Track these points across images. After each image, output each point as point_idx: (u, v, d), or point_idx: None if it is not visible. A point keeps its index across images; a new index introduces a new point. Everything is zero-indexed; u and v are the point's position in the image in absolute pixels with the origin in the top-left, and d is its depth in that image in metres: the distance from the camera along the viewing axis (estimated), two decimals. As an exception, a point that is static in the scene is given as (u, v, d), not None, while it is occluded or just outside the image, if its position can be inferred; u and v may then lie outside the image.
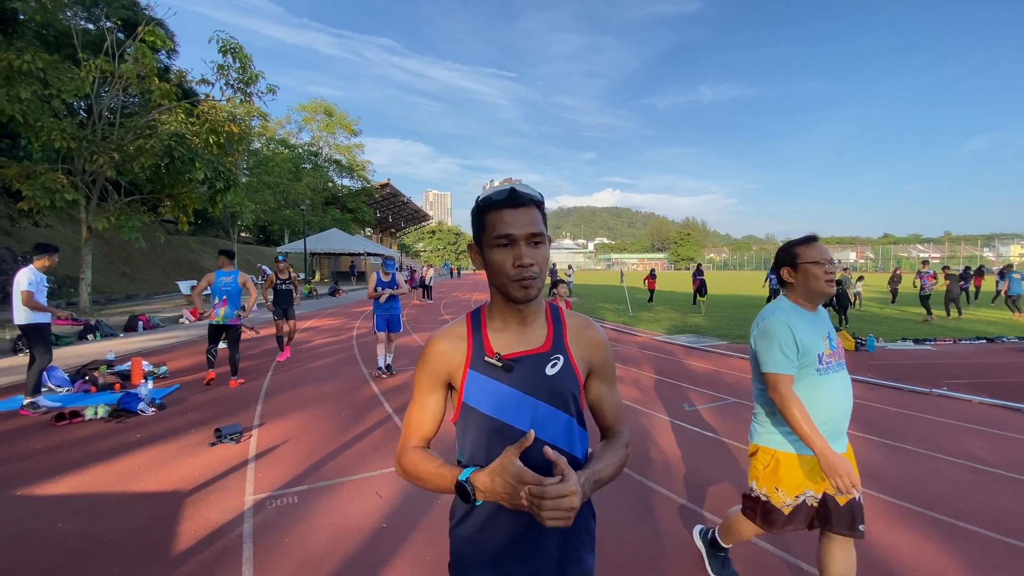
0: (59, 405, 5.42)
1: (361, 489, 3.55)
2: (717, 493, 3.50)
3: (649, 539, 2.92)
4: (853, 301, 17.25)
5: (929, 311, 13.81)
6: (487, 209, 1.08)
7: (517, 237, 1.05)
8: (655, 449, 4.36)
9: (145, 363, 6.91)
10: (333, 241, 33.34)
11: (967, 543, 2.87)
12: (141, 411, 5.25)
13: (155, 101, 14.17)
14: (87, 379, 6.37)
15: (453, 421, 1.19)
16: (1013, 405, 5.63)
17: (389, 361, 7.09)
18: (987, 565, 2.67)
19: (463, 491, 1.02)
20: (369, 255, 36.86)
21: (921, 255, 75.06)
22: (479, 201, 1.10)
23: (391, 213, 58.62)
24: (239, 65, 14.43)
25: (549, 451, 0.97)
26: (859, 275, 19.69)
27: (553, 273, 23.28)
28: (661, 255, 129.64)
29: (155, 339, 10.42)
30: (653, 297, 20.55)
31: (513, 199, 1.05)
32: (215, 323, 6.51)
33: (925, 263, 15.17)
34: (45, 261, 5.43)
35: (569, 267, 30.39)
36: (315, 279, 36.10)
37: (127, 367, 6.78)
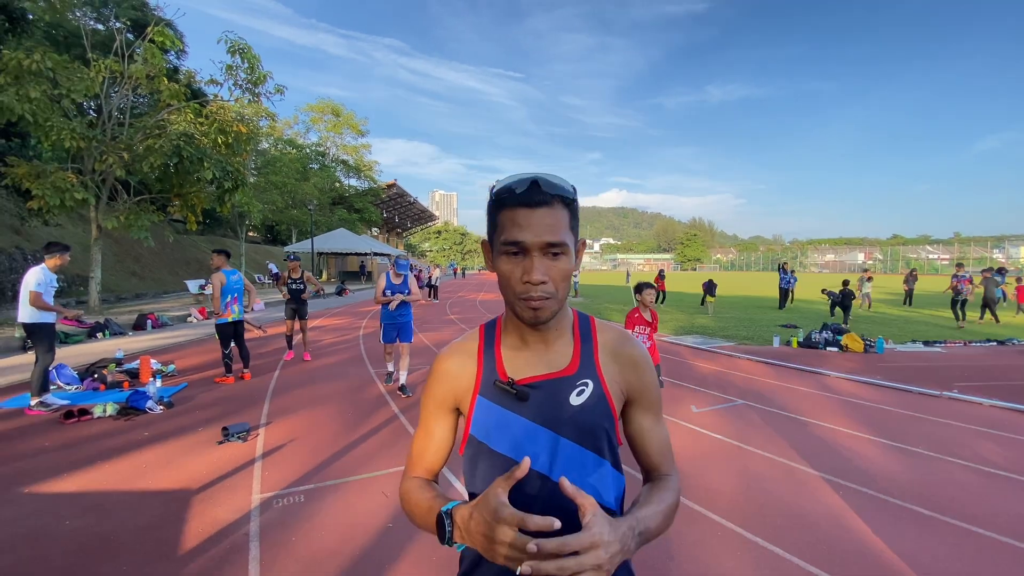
0: (68, 403, 5.46)
1: (367, 488, 3.55)
2: (725, 496, 3.47)
3: (654, 543, 2.89)
4: (861, 302, 17.14)
5: (961, 317, 12.79)
6: (500, 204, 0.88)
7: (529, 246, 0.84)
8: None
9: (153, 361, 6.95)
10: (340, 241, 33.50)
11: (979, 548, 2.82)
12: (149, 409, 5.28)
13: (164, 101, 14.29)
14: (96, 377, 6.42)
15: (460, 453, 1.02)
16: (1026, 408, 5.55)
17: (403, 380, 6.08)
18: (999, 570, 2.62)
19: (441, 527, 0.83)
20: (376, 255, 36.96)
21: (930, 256, 74.41)
22: (493, 192, 0.90)
23: (397, 213, 58.80)
24: (247, 65, 14.52)
25: (567, 483, 0.74)
26: (868, 274, 18.65)
27: None
28: (667, 255, 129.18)
29: (164, 337, 10.49)
30: (665, 298, 20.32)
31: (532, 196, 0.84)
32: (231, 320, 6.55)
33: (960, 266, 14.51)
34: (56, 260, 5.46)
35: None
36: (322, 279, 36.25)
37: (136, 365, 6.82)
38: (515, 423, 0.93)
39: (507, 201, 0.87)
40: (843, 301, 13.38)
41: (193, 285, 18.14)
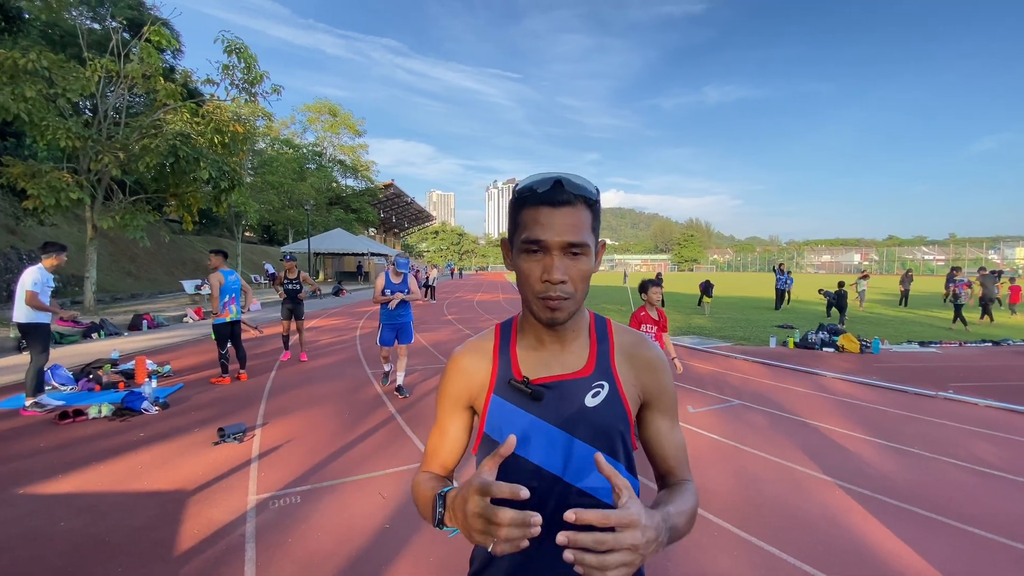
0: (63, 403, 5.43)
1: (364, 489, 3.54)
2: (721, 496, 3.47)
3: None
4: (858, 301, 17.22)
5: (964, 322, 12.54)
6: (522, 203, 0.87)
7: (550, 245, 0.84)
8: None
9: (149, 362, 6.93)
10: (337, 241, 33.43)
11: (974, 548, 2.84)
12: (145, 410, 5.26)
13: (160, 101, 14.24)
14: (91, 377, 6.38)
15: (474, 452, 1.01)
16: (1020, 408, 5.58)
17: (400, 381, 6.08)
18: (995, 570, 2.64)
19: (437, 511, 0.83)
20: (373, 255, 36.89)
21: (926, 257, 74.69)
22: (515, 191, 0.90)
23: (395, 213, 58.76)
24: (244, 65, 14.51)
25: (602, 460, 0.73)
26: (864, 273, 18.53)
27: None
28: (664, 256, 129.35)
29: (159, 338, 10.45)
30: (663, 301, 20.35)
31: (555, 195, 0.84)
32: (229, 320, 6.57)
33: (958, 270, 14.45)
34: (53, 260, 5.44)
35: None
36: (319, 279, 36.18)
37: (131, 366, 6.79)
38: (529, 423, 0.92)
39: (529, 200, 0.86)
40: (839, 301, 13.49)
41: (189, 285, 18.08)
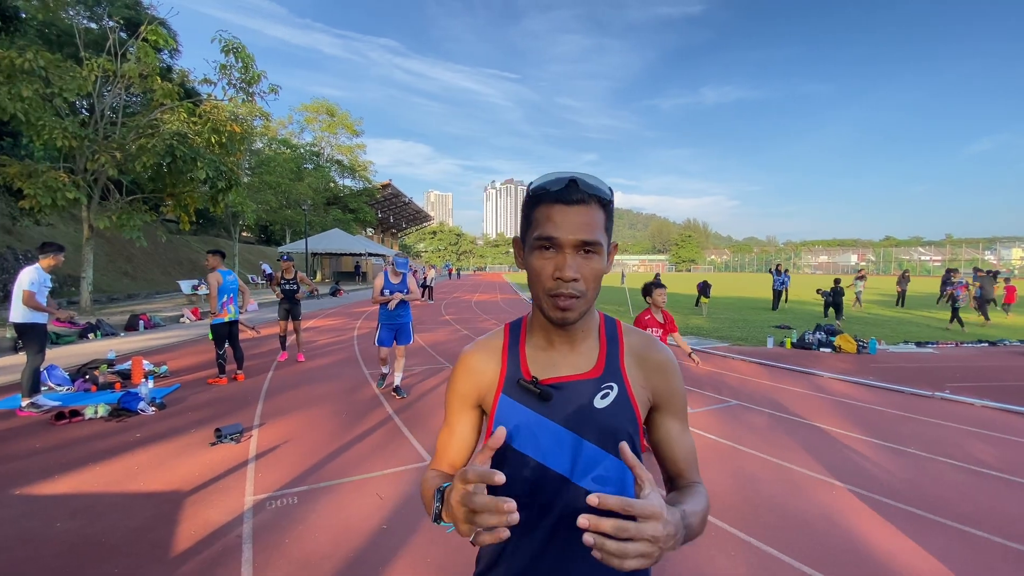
0: (59, 404, 5.41)
1: (361, 490, 3.54)
2: (718, 496, 3.48)
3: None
4: (854, 301, 17.28)
5: (960, 320, 12.57)
6: (536, 201, 0.88)
7: (563, 242, 0.84)
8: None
9: (146, 362, 6.90)
10: (334, 241, 33.36)
11: (971, 547, 2.85)
12: (141, 410, 5.24)
13: (157, 100, 14.18)
14: (87, 378, 6.36)
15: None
16: (1016, 408, 5.61)
17: (398, 381, 6.05)
18: (991, 570, 2.65)
19: (435, 506, 0.83)
20: (371, 255, 36.84)
21: (922, 258, 74.94)
22: (529, 189, 0.91)
23: (392, 213, 58.68)
24: (241, 65, 14.47)
25: (627, 449, 0.73)
26: (862, 273, 18.39)
27: None
28: (662, 257, 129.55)
29: (156, 338, 10.42)
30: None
31: (569, 194, 0.84)
32: (228, 320, 6.57)
33: (955, 271, 14.50)
34: (51, 260, 5.42)
35: None
36: (316, 279, 36.11)
37: (128, 366, 6.77)
38: (537, 423, 0.92)
39: (543, 198, 0.87)
40: (834, 299, 13.61)
41: (186, 285, 18.02)
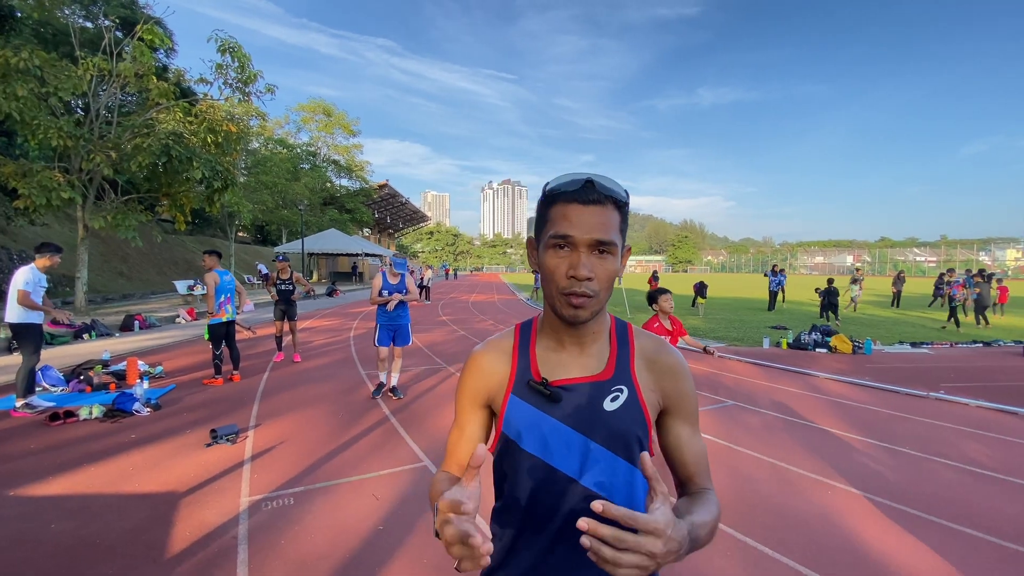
0: (53, 405, 5.38)
1: (358, 491, 3.53)
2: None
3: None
4: (849, 303, 17.35)
5: (957, 321, 12.84)
6: (552, 200, 0.89)
7: (578, 241, 0.85)
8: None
9: (141, 363, 6.87)
10: (331, 241, 33.31)
11: (965, 547, 2.86)
12: (136, 411, 5.22)
13: (153, 100, 14.14)
14: (82, 379, 6.33)
15: (490, 451, 0.99)
16: (1010, 408, 5.64)
17: (395, 382, 6.05)
18: (985, 569, 2.66)
19: (435, 521, 0.82)
20: (367, 255, 36.78)
21: (918, 259, 75.33)
22: (545, 189, 0.91)
23: (389, 214, 58.58)
24: (238, 64, 14.41)
25: (647, 460, 0.73)
26: (859, 273, 18.17)
27: None
28: (659, 257, 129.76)
29: (151, 339, 10.37)
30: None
31: (585, 194, 0.85)
32: (225, 320, 6.57)
33: (951, 272, 14.62)
34: (47, 261, 5.40)
35: None
36: (313, 280, 36.03)
37: (123, 367, 6.74)
38: (546, 424, 0.92)
39: (560, 197, 0.88)
40: (829, 299, 13.69)
41: (181, 286, 17.95)
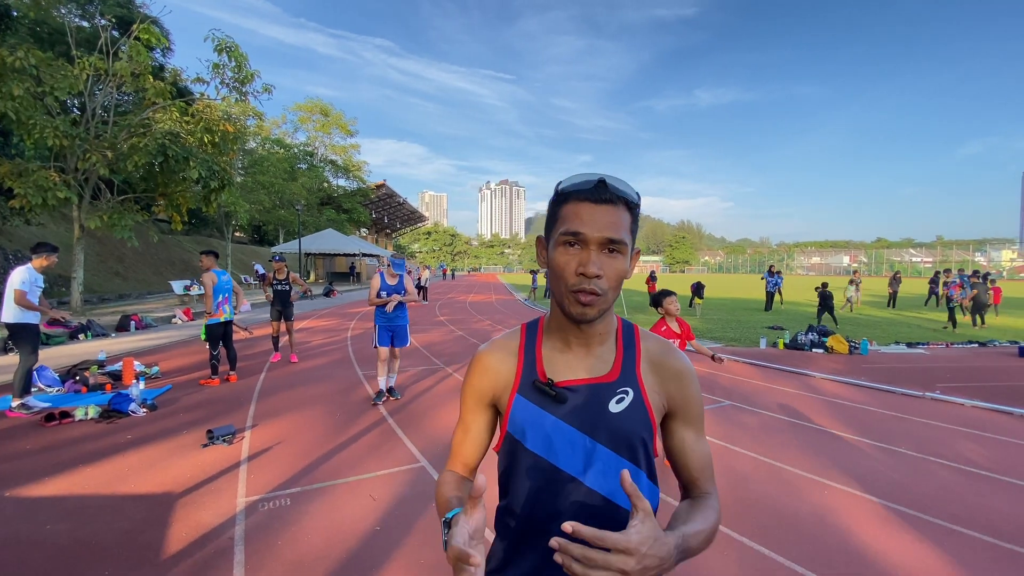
0: (49, 405, 5.36)
1: (355, 491, 3.52)
2: (712, 496, 3.49)
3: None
4: (845, 303, 17.41)
5: (954, 321, 12.85)
6: (564, 199, 0.89)
7: (588, 238, 0.85)
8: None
9: (137, 363, 6.86)
10: (328, 241, 33.24)
11: (961, 546, 2.87)
12: (132, 412, 5.20)
13: (149, 99, 14.11)
14: (78, 379, 6.30)
15: (495, 450, 1.02)
16: (1005, 408, 5.67)
17: (392, 383, 6.04)
18: (980, 568, 2.67)
19: (444, 535, 0.82)
20: (365, 255, 36.72)
21: (914, 259, 75.63)
22: (558, 188, 0.92)
23: (387, 214, 58.49)
24: (234, 64, 14.39)
25: (627, 478, 0.72)
26: (857, 275, 18.34)
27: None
28: (656, 258, 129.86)
29: (147, 339, 10.33)
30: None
31: (597, 193, 0.86)
32: (223, 320, 6.57)
33: (947, 272, 14.75)
34: (43, 261, 5.38)
35: None
36: (310, 280, 35.96)
37: (118, 367, 6.72)
38: (551, 424, 0.92)
39: (572, 196, 0.88)
40: (824, 301, 13.59)
41: (178, 286, 17.90)
